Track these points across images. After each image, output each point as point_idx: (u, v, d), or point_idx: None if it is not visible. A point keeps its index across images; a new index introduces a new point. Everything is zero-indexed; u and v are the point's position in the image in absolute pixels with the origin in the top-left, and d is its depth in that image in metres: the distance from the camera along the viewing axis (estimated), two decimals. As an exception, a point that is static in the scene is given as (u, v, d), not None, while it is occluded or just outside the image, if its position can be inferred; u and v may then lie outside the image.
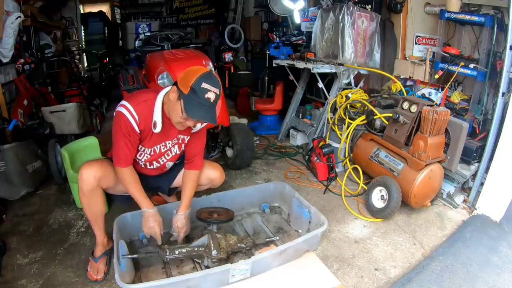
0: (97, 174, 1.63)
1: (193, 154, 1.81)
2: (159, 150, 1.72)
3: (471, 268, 1.75)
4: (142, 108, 1.56)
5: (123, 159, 1.61)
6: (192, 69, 1.52)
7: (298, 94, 3.65)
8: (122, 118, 1.54)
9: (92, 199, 1.66)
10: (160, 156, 1.76)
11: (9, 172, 2.31)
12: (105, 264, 1.75)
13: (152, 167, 1.81)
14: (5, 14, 2.99)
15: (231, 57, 5.42)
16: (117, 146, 1.60)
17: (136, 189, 1.68)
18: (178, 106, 1.49)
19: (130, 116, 1.54)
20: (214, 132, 2.78)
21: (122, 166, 1.63)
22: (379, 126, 2.50)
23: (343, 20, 2.86)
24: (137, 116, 1.55)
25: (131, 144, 1.60)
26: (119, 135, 1.57)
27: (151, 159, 1.75)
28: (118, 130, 1.57)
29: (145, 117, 1.57)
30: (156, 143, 1.69)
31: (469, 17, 2.45)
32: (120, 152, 1.60)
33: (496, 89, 2.31)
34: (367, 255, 1.89)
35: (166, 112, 1.60)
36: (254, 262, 1.61)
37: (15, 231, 2.09)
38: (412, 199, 2.14)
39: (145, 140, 1.65)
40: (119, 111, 1.55)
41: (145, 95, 1.63)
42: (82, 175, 1.61)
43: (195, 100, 1.46)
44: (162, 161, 1.80)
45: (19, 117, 2.94)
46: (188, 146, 1.80)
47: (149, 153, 1.72)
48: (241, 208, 2.27)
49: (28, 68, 3.59)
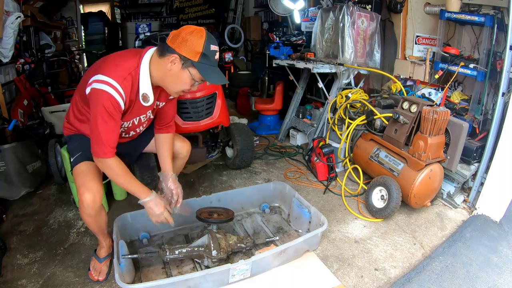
0: (97, 194, 1.49)
1: (170, 119, 1.76)
2: (138, 121, 1.61)
3: (471, 268, 1.75)
4: (128, 82, 1.39)
5: (111, 146, 1.40)
6: (188, 32, 1.36)
7: (298, 94, 3.65)
8: (108, 99, 1.34)
9: (97, 217, 1.59)
10: (138, 126, 1.66)
11: (9, 172, 2.31)
12: (108, 266, 1.75)
13: (127, 135, 1.70)
14: (5, 14, 2.99)
15: (231, 57, 5.41)
16: (102, 132, 1.37)
17: (129, 180, 1.50)
18: (186, 74, 1.40)
19: (118, 95, 1.35)
20: (214, 132, 2.78)
21: (108, 156, 1.41)
22: (379, 126, 2.50)
23: (343, 20, 2.87)
24: (124, 93, 1.37)
25: (117, 127, 1.43)
26: (105, 119, 1.36)
27: (128, 130, 1.63)
28: (103, 113, 1.35)
29: (130, 92, 1.41)
30: (137, 114, 1.56)
31: (469, 17, 2.45)
32: (107, 139, 1.38)
33: (496, 89, 2.31)
34: (367, 255, 1.89)
35: (155, 81, 1.47)
36: (254, 262, 1.61)
37: (15, 231, 2.09)
38: (412, 199, 2.14)
39: (125, 114, 1.49)
40: (104, 91, 1.33)
41: (126, 64, 1.40)
42: (85, 200, 1.46)
43: (207, 65, 1.39)
44: (139, 130, 1.70)
45: (19, 117, 2.94)
46: (165, 112, 1.73)
47: (127, 125, 1.58)
48: (241, 208, 2.27)
49: (28, 68, 3.59)
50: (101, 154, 1.41)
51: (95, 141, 1.40)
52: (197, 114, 2.38)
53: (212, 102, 2.46)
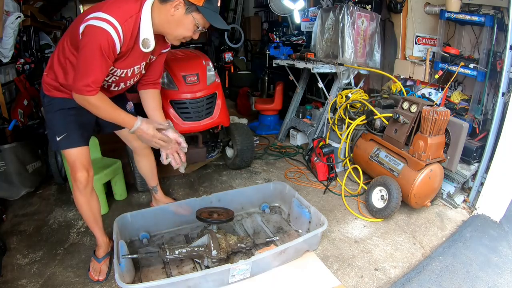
0: (91, 172, 1.61)
1: (158, 75, 1.76)
2: (131, 72, 1.55)
3: (471, 268, 1.75)
4: (129, 25, 1.34)
5: (96, 84, 1.36)
6: None
7: (298, 94, 3.65)
8: (106, 37, 1.28)
9: (91, 200, 1.66)
10: (131, 78, 1.60)
11: (9, 172, 2.31)
12: (107, 265, 1.75)
13: (117, 88, 1.64)
14: (5, 14, 2.99)
15: (231, 57, 5.42)
16: (90, 69, 1.33)
17: (116, 111, 1.47)
18: (189, 20, 1.39)
19: (117, 35, 1.30)
20: (214, 132, 2.78)
21: (92, 94, 1.36)
22: (379, 126, 2.50)
23: (343, 20, 2.87)
24: (124, 35, 1.32)
25: (107, 68, 1.38)
26: (97, 58, 1.30)
27: (119, 81, 1.57)
28: (96, 50, 1.29)
29: (129, 36, 1.37)
30: (132, 64, 1.51)
31: (469, 17, 2.45)
32: (94, 78, 1.34)
33: (496, 89, 2.31)
34: (367, 255, 1.89)
35: (155, 29, 1.43)
36: (254, 262, 1.61)
37: (15, 231, 2.09)
38: (412, 199, 2.14)
39: (119, 61, 1.44)
40: (102, 28, 1.27)
41: (128, 7, 1.35)
42: (78, 178, 1.57)
43: (211, 11, 1.39)
44: (130, 83, 1.64)
45: (19, 117, 2.95)
46: (154, 67, 1.71)
47: (119, 74, 1.52)
48: (241, 208, 2.27)
49: (28, 68, 3.59)
50: (85, 92, 1.36)
51: (79, 78, 1.34)
52: (197, 114, 2.38)
53: (212, 102, 2.46)
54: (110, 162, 2.39)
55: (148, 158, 2.09)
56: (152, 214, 2.01)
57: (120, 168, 2.41)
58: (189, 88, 2.34)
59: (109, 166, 2.32)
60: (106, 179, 2.30)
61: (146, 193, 2.49)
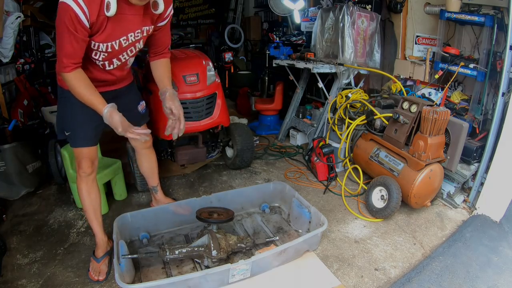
0: (95, 161, 1.71)
1: (165, 46, 1.77)
2: (118, 46, 1.51)
3: (471, 268, 1.75)
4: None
5: (70, 60, 1.37)
6: None
7: (298, 94, 3.65)
8: (67, 11, 1.28)
9: (92, 190, 1.72)
10: (121, 52, 1.56)
11: (9, 172, 2.31)
12: (106, 265, 1.75)
13: (112, 66, 1.61)
14: (5, 14, 2.99)
15: (231, 57, 5.42)
16: (61, 46, 1.35)
17: (91, 94, 1.45)
18: None
19: (78, 7, 1.28)
20: (214, 132, 2.78)
21: (68, 71, 1.38)
22: (379, 126, 2.50)
23: (343, 20, 2.87)
24: (86, 7, 1.30)
25: (77, 42, 1.35)
26: (64, 33, 1.32)
27: (109, 57, 1.54)
28: (62, 26, 1.31)
29: (95, 5, 1.33)
30: (114, 37, 1.47)
31: (469, 17, 2.45)
32: (65, 53, 1.36)
33: (496, 89, 2.31)
34: (367, 255, 1.89)
35: None
36: (254, 262, 1.62)
37: (15, 231, 2.09)
38: (412, 199, 2.14)
39: (97, 34, 1.41)
40: (63, 3, 1.27)
41: None
42: (83, 166, 1.66)
43: None
44: (124, 58, 1.61)
45: (19, 117, 2.94)
46: (159, 39, 1.72)
47: (105, 49, 1.49)
48: (241, 208, 2.27)
49: (28, 68, 3.59)
50: (61, 68, 1.39)
51: (58, 57, 1.39)
52: (197, 114, 2.38)
53: (212, 102, 2.46)
54: (110, 162, 2.39)
55: (149, 157, 2.10)
56: (152, 214, 2.01)
57: (120, 168, 2.41)
58: (189, 88, 2.34)
59: (109, 166, 2.32)
60: (106, 179, 2.30)
61: (146, 193, 2.49)
